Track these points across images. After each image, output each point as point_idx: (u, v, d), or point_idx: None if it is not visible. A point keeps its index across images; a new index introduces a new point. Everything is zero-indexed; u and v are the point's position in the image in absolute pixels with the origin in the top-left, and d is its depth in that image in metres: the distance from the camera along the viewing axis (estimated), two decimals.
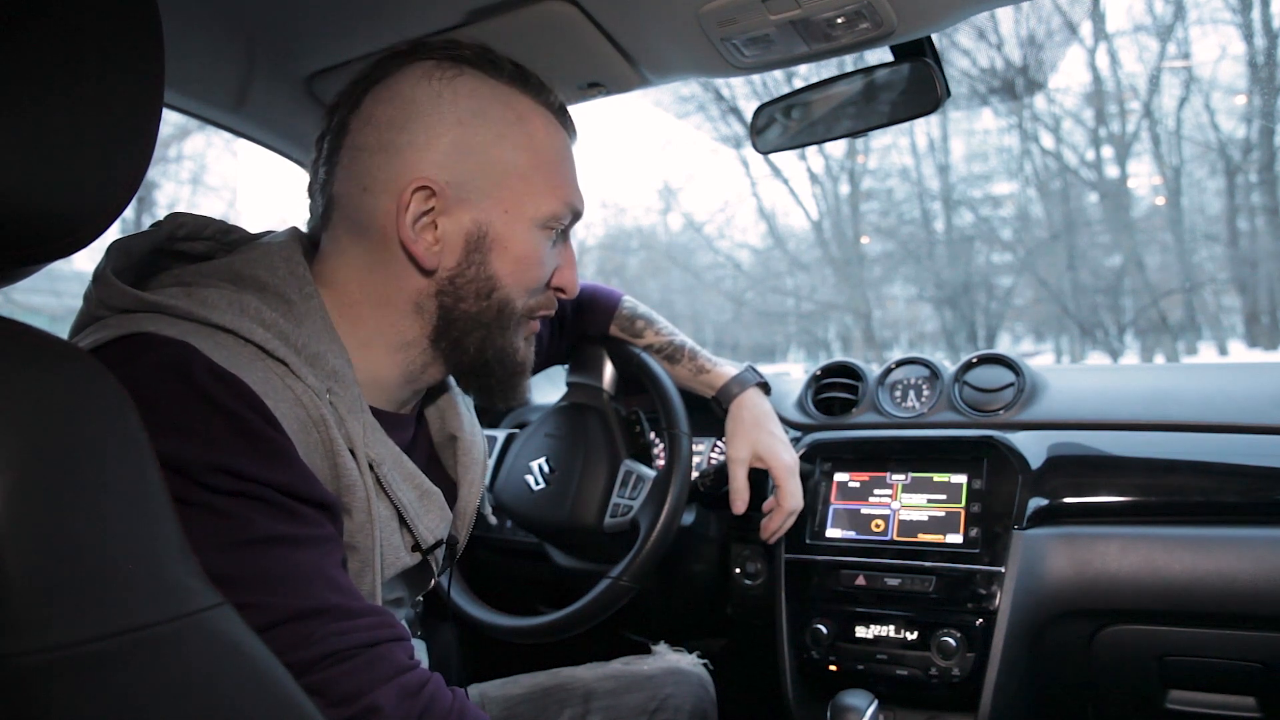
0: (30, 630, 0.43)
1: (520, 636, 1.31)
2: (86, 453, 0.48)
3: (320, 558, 0.67)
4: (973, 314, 6.71)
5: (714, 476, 1.45)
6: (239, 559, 0.61)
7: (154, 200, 5.38)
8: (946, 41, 4.93)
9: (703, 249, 8.18)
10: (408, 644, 0.71)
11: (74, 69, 0.48)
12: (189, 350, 0.65)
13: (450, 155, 0.80)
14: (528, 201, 0.84)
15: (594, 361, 1.39)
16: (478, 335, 0.85)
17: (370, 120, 0.81)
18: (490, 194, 0.82)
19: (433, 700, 0.69)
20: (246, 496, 0.63)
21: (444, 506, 0.86)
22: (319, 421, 0.71)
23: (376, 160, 0.80)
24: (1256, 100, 5.46)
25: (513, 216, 0.83)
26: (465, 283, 0.82)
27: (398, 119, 0.80)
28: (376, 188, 0.80)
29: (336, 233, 0.83)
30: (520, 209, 0.83)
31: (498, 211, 0.82)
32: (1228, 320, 5.60)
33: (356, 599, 0.68)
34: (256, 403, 0.66)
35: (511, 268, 0.84)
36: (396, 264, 0.81)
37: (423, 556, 0.84)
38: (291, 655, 0.60)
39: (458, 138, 0.80)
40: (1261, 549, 1.12)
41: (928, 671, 1.20)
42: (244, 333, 0.70)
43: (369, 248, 0.81)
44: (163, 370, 0.64)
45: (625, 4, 1.04)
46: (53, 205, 0.48)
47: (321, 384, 0.73)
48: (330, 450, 0.72)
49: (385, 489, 0.78)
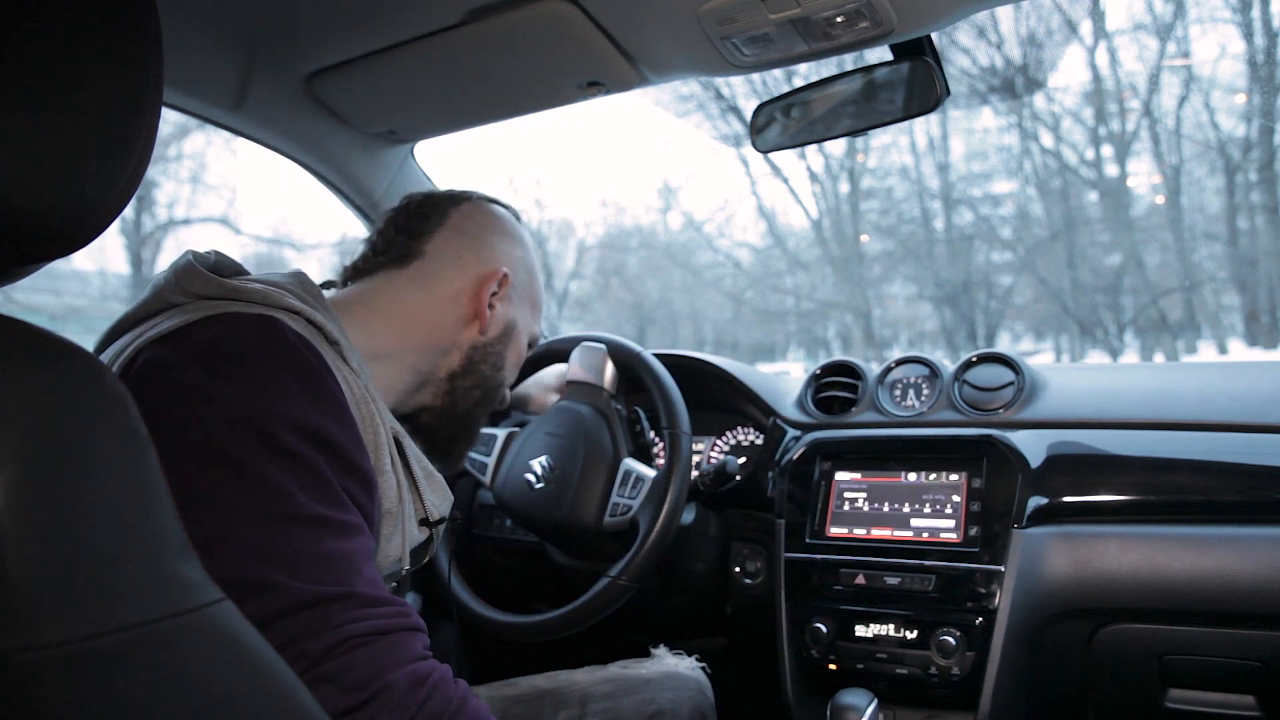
0: (30, 627, 0.44)
1: (519, 634, 1.32)
2: (87, 449, 0.48)
3: (352, 546, 0.70)
4: (972, 313, 6.72)
5: (714, 476, 1.46)
6: (276, 533, 0.65)
7: (154, 200, 5.39)
8: (946, 40, 4.93)
9: (702, 248, 8.19)
10: (424, 635, 0.72)
11: (74, 69, 0.48)
12: (277, 320, 0.75)
13: (515, 262, 1.07)
14: (533, 314, 1.12)
15: (594, 361, 1.40)
16: (474, 395, 1.05)
17: (461, 223, 1.06)
18: (524, 301, 1.09)
19: (436, 688, 0.69)
20: (305, 464, 0.69)
21: (445, 487, 0.95)
22: (363, 399, 0.81)
23: (471, 244, 1.04)
24: (1256, 99, 5.46)
25: (525, 322, 1.10)
26: (492, 354, 1.05)
27: (485, 226, 1.07)
28: (466, 263, 1.03)
29: (410, 274, 1.01)
30: (529, 318, 1.11)
31: (524, 314, 1.10)
32: (1227, 319, 5.60)
33: (380, 589, 0.70)
34: (331, 373, 0.76)
35: (514, 359, 1.10)
36: (454, 318, 1.02)
37: (429, 530, 0.92)
38: (310, 641, 0.62)
39: (517, 251, 1.08)
40: (1261, 548, 1.12)
41: (927, 670, 1.20)
42: (309, 315, 0.80)
43: (439, 297, 1.01)
44: (257, 331, 0.73)
45: (625, 3, 1.04)
46: (53, 205, 0.48)
47: (361, 368, 0.84)
48: (372, 424, 0.81)
49: (408, 462, 0.88)
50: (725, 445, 1.66)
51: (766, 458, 1.52)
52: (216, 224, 5.93)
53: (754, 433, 1.64)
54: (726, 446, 1.66)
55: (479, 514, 1.64)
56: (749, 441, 1.64)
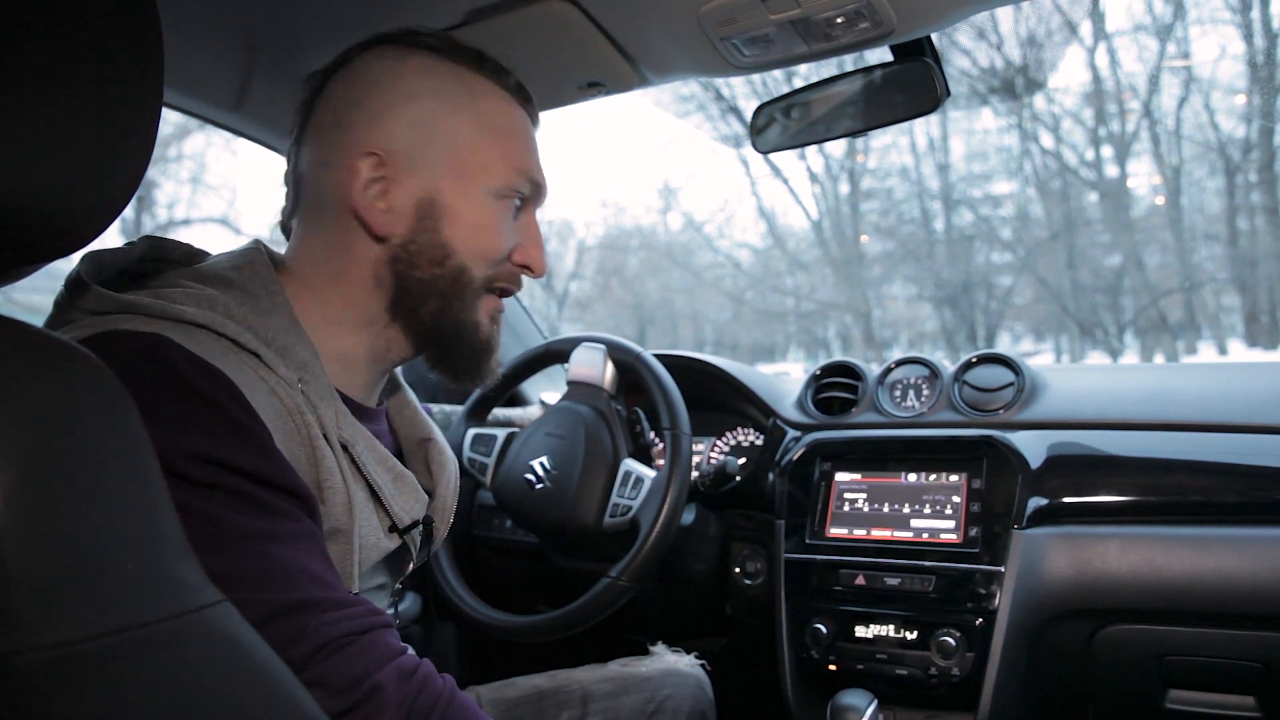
0: (30, 628, 0.43)
1: (519, 635, 1.32)
2: (87, 451, 0.48)
3: (300, 552, 0.67)
4: (972, 313, 6.72)
5: (714, 476, 1.46)
6: (218, 557, 0.59)
7: (154, 200, 5.39)
8: (946, 41, 4.93)
9: (702, 248, 8.19)
10: (395, 630, 0.72)
11: (74, 69, 0.48)
12: (164, 340, 0.66)
13: (400, 125, 0.83)
14: (479, 170, 0.85)
15: (594, 361, 1.40)
16: (434, 304, 0.85)
17: (329, 100, 0.85)
18: (441, 162, 0.84)
19: (426, 681, 0.70)
20: (221, 490, 0.63)
21: (417, 488, 0.87)
22: (294, 410, 0.72)
23: (333, 135, 0.83)
24: (1256, 100, 5.47)
25: (465, 184, 0.85)
26: (418, 250, 0.83)
27: (352, 94, 0.84)
28: (333, 160, 0.83)
29: (303, 216, 0.86)
30: (471, 177, 0.85)
31: (448, 179, 0.84)
32: (1227, 320, 5.60)
33: (340, 590, 0.69)
34: (234, 391, 0.67)
35: (465, 234, 0.85)
36: (353, 235, 0.83)
37: (400, 538, 0.85)
38: (288, 651, 0.60)
39: (408, 108, 0.83)
40: (1261, 548, 1.12)
41: (927, 671, 1.20)
42: (216, 326, 0.71)
43: (328, 223, 0.84)
44: (140, 359, 0.64)
45: (625, 4, 1.04)
46: (53, 205, 0.48)
47: (293, 374, 0.75)
48: (306, 437, 0.73)
49: (360, 470, 0.79)
50: (725, 446, 1.66)
51: (766, 458, 1.52)
52: (216, 224, 5.93)
53: (754, 433, 1.64)
54: (726, 447, 1.66)
55: (479, 514, 1.64)
56: (749, 442, 1.64)
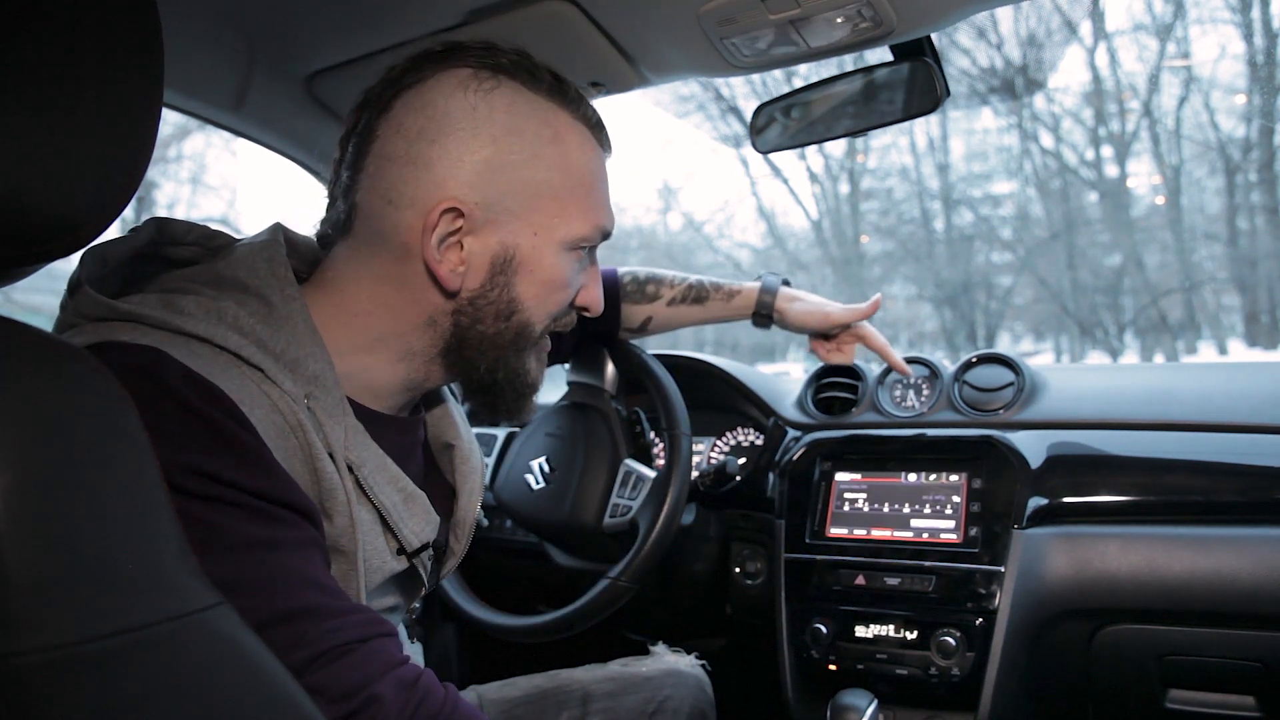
0: (30, 629, 0.43)
1: (519, 635, 1.32)
2: (87, 452, 0.48)
3: (301, 559, 0.66)
4: (972, 313, 6.71)
5: (714, 476, 1.46)
6: (219, 563, 0.58)
7: (154, 200, 5.39)
8: (946, 41, 4.93)
9: (702, 248, 8.17)
10: (398, 640, 0.71)
11: (74, 69, 0.48)
12: (161, 355, 0.65)
13: (482, 174, 0.77)
14: (559, 224, 0.81)
15: (594, 361, 1.40)
16: (491, 356, 0.83)
17: (400, 129, 0.78)
18: (520, 215, 0.79)
19: (428, 692, 0.69)
20: (221, 501, 0.62)
21: (429, 510, 0.84)
22: (296, 427, 0.71)
23: (404, 173, 0.77)
24: (1256, 99, 5.46)
25: (542, 239, 0.81)
26: (486, 305, 0.80)
27: (429, 131, 0.77)
28: (402, 202, 0.77)
29: (355, 240, 0.81)
30: (550, 231, 0.81)
31: (527, 234, 0.80)
32: (1227, 320, 5.60)
33: (342, 598, 0.68)
34: (230, 407, 0.65)
35: (537, 290, 0.82)
36: (416, 280, 0.79)
37: (409, 560, 0.83)
38: (287, 657, 0.60)
39: (491, 156, 0.77)
40: (1261, 548, 1.12)
41: (927, 671, 1.20)
42: (218, 340, 0.69)
43: (388, 260, 0.79)
44: (134, 374, 0.61)
45: (625, 4, 1.04)
46: (53, 205, 0.48)
47: (300, 389, 0.73)
48: (309, 455, 0.71)
49: (366, 492, 0.77)
50: (725, 446, 1.66)
51: (767, 458, 1.52)
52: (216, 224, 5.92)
53: (754, 433, 1.63)
54: (726, 447, 1.66)
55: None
56: (749, 442, 1.64)
